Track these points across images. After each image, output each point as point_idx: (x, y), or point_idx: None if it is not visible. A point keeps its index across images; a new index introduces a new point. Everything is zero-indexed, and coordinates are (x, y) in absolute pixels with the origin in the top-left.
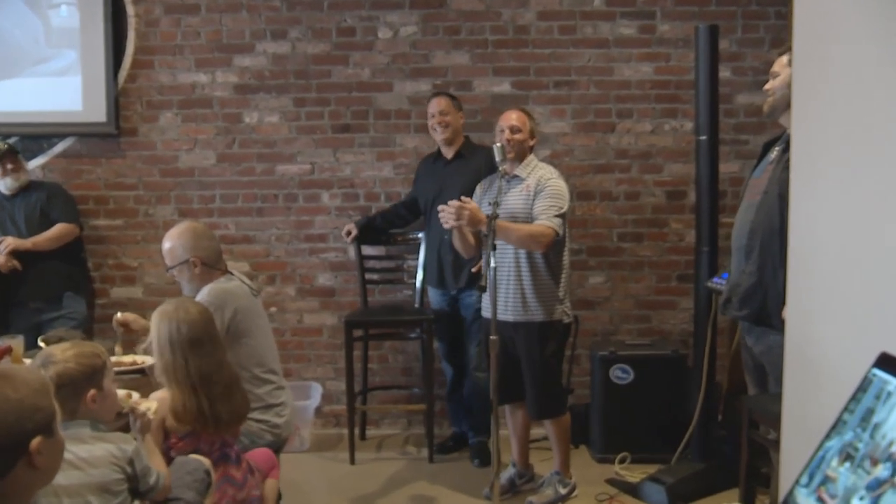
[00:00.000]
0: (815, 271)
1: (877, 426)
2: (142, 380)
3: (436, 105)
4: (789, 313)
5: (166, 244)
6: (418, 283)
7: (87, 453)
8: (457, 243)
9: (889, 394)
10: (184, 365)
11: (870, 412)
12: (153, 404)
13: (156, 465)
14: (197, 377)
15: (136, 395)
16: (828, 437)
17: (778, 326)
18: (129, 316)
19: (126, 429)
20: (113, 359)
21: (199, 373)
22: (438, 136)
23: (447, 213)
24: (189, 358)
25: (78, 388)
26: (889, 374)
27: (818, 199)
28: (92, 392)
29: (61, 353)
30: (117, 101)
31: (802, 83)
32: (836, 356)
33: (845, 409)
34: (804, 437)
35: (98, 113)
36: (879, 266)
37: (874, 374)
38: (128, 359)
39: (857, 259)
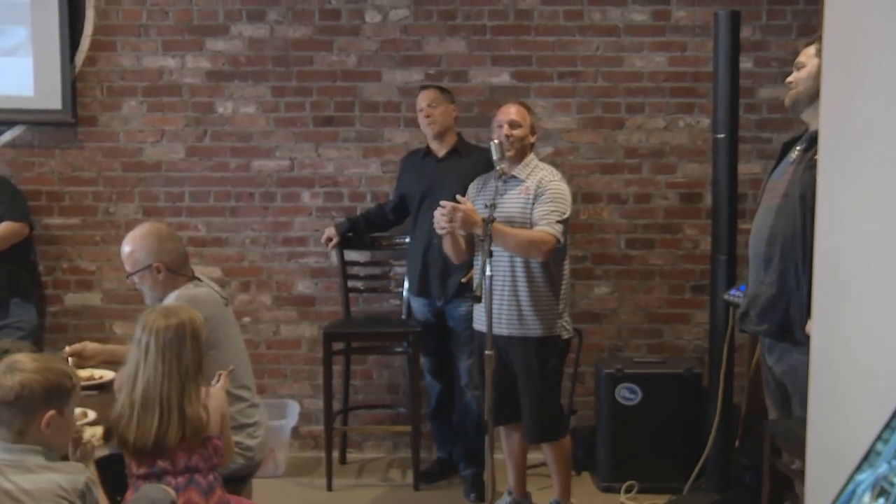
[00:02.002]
0: (844, 282)
1: None
2: (100, 397)
3: (423, 98)
4: (814, 329)
5: (126, 248)
6: (405, 292)
7: (31, 484)
8: (447, 247)
9: None
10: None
11: None
12: (98, 430)
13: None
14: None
15: (91, 414)
16: (859, 468)
17: (802, 342)
18: (78, 346)
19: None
20: None
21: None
22: (427, 129)
23: (440, 217)
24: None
25: (36, 405)
26: None
27: (848, 202)
28: (50, 413)
29: (30, 362)
30: (74, 86)
31: (833, 74)
32: (867, 378)
33: (878, 437)
34: (832, 468)
35: (52, 99)
36: None
37: None
38: (85, 373)
39: (893, 270)
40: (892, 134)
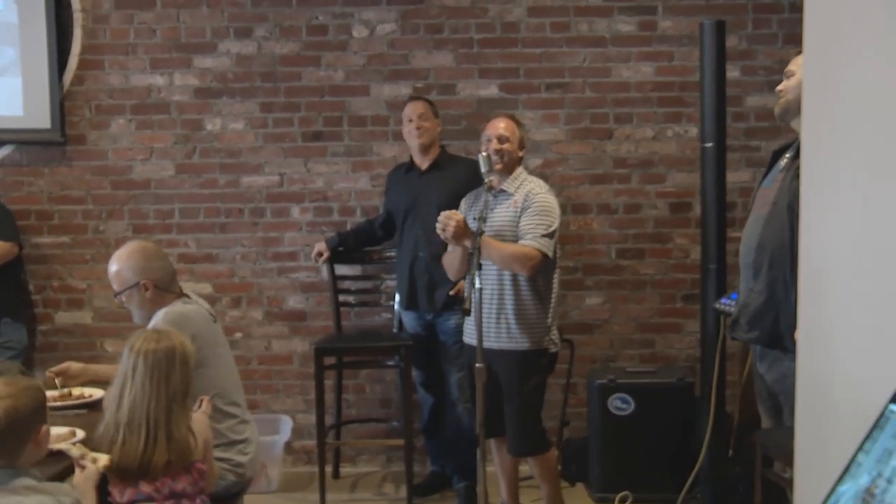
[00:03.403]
0: (828, 292)
1: None
2: (89, 416)
3: (414, 109)
4: (800, 338)
5: (113, 267)
6: (397, 306)
7: None
8: (447, 260)
9: None
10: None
11: (888, 453)
12: (103, 458)
13: None
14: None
15: (80, 433)
16: (841, 480)
17: (791, 349)
18: (62, 366)
19: (59, 475)
20: (53, 393)
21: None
22: (414, 141)
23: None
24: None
25: (26, 425)
26: None
27: (832, 212)
28: (43, 429)
29: (3, 387)
30: (62, 105)
31: (814, 82)
32: (852, 387)
33: (860, 448)
34: (820, 477)
35: (41, 118)
36: None
37: (892, 411)
38: (75, 391)
39: (877, 278)
40: (874, 143)
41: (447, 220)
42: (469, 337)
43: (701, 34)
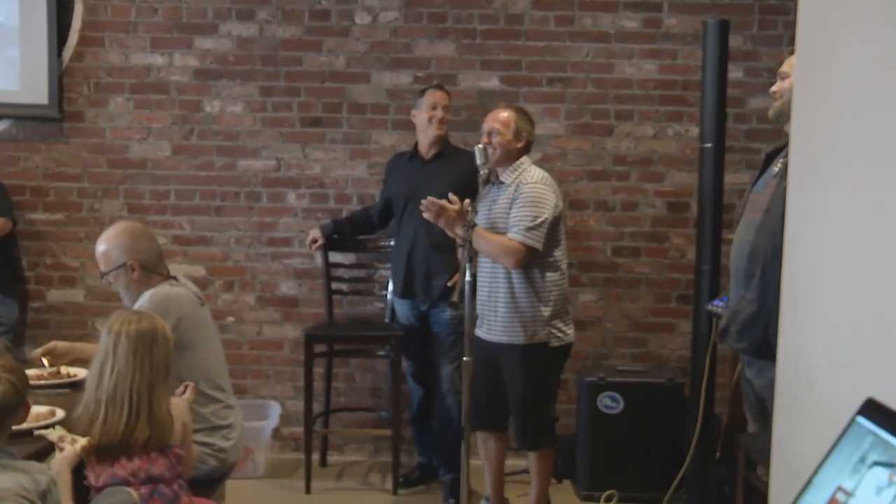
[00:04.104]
0: (809, 300)
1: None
2: (71, 395)
3: (440, 98)
4: (780, 345)
5: (100, 247)
6: (389, 295)
7: None
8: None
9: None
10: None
11: (852, 465)
12: (82, 440)
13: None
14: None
15: (60, 413)
16: (805, 490)
17: None
18: (49, 346)
19: (37, 454)
20: (42, 371)
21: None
22: (433, 131)
23: (429, 205)
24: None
25: (16, 407)
26: (875, 423)
27: (817, 223)
28: (27, 406)
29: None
30: (61, 81)
31: (805, 90)
32: (828, 395)
33: (825, 459)
34: (795, 483)
35: (39, 94)
36: (881, 297)
37: (858, 423)
38: (53, 370)
39: (856, 288)
40: (857, 154)
41: (442, 209)
42: (478, 329)
43: (704, 33)
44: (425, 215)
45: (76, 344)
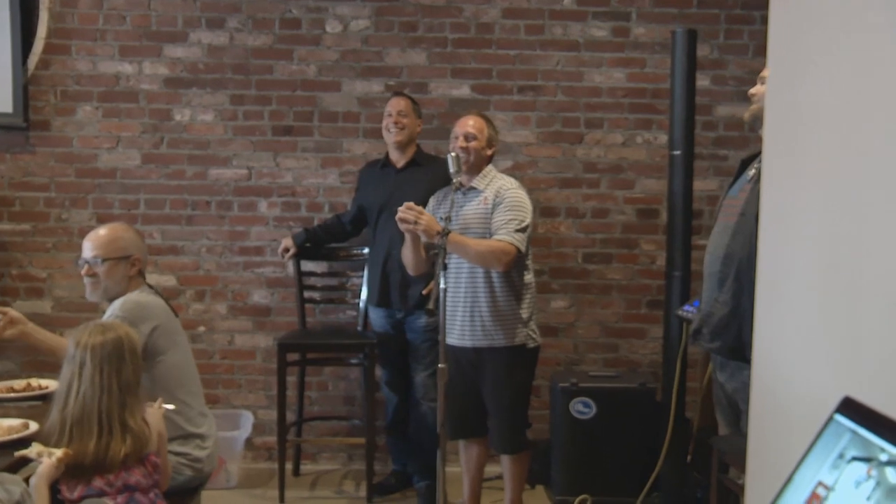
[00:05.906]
0: (784, 301)
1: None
2: (43, 407)
3: (395, 104)
4: (755, 346)
5: (108, 233)
6: (362, 304)
7: None
8: (406, 255)
9: (842, 450)
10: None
11: (831, 462)
12: (58, 452)
13: None
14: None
15: (33, 425)
16: (785, 488)
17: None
18: (5, 309)
19: (10, 468)
20: (4, 384)
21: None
22: (392, 137)
23: (405, 213)
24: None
25: None
26: (853, 421)
27: (790, 225)
28: None
29: None
30: (26, 89)
31: (777, 93)
32: (805, 394)
33: (805, 456)
34: (771, 485)
35: (3, 102)
36: (855, 297)
37: (836, 420)
38: (23, 383)
39: (831, 290)
40: (830, 156)
41: (419, 215)
42: (450, 337)
43: (672, 42)
44: (401, 226)
45: (36, 330)
